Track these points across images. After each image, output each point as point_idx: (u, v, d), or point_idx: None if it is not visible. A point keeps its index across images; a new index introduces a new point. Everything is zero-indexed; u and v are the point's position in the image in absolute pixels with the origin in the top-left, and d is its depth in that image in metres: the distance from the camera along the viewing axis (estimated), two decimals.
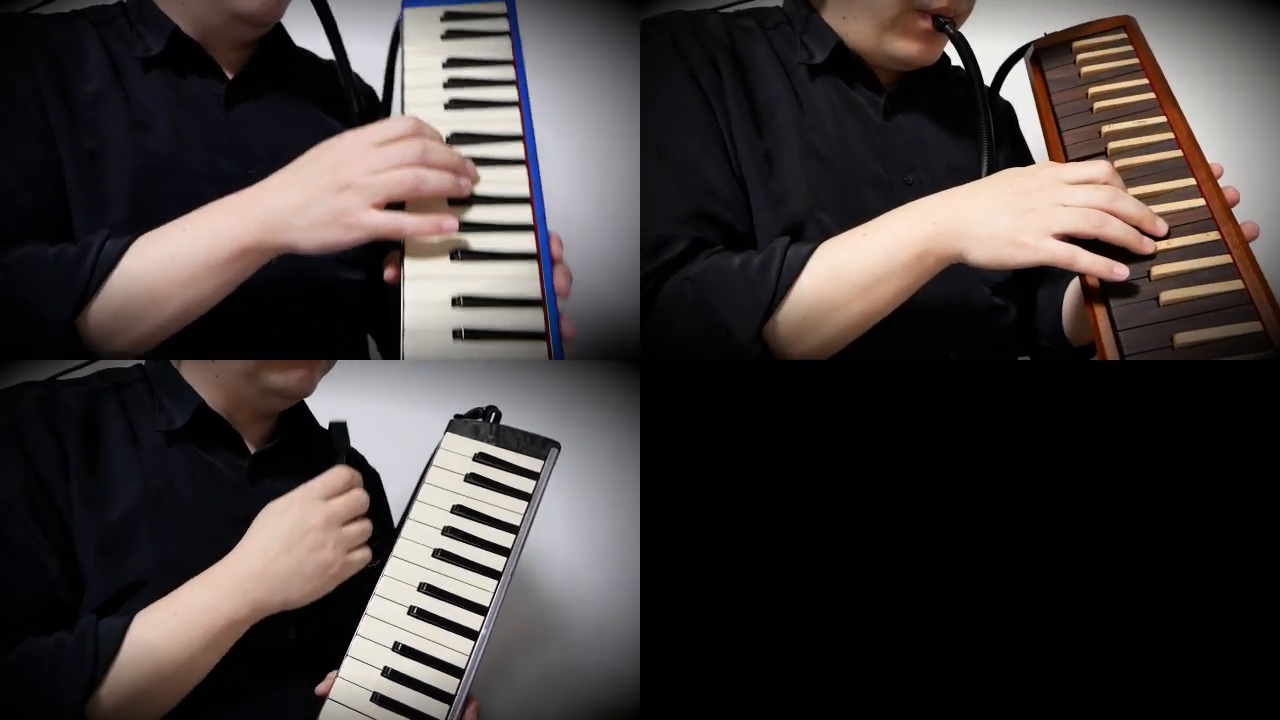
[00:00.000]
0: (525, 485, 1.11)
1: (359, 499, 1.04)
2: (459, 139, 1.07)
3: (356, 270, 1.19)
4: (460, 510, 1.10)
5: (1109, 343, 0.92)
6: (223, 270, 0.98)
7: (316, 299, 1.16)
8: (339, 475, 1.03)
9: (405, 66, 1.13)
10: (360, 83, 1.30)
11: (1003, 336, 1.24)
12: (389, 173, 0.96)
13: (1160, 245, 0.96)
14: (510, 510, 1.09)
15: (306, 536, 0.99)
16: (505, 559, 1.06)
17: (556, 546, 1.54)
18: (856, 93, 1.25)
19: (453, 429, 1.16)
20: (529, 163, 1.06)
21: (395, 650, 1.03)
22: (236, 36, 1.16)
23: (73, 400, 1.06)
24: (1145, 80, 1.13)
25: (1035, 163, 1.34)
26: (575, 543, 1.54)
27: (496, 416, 1.17)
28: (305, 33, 1.20)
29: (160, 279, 0.97)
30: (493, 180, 1.05)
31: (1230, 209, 0.98)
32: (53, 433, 1.02)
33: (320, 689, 1.02)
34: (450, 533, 1.09)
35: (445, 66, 1.12)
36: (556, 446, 1.12)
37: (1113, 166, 0.99)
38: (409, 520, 1.10)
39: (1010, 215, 0.97)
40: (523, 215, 1.04)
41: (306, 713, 1.01)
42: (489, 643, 1.03)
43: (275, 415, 1.16)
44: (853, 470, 1.07)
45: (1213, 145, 1.05)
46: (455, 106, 1.09)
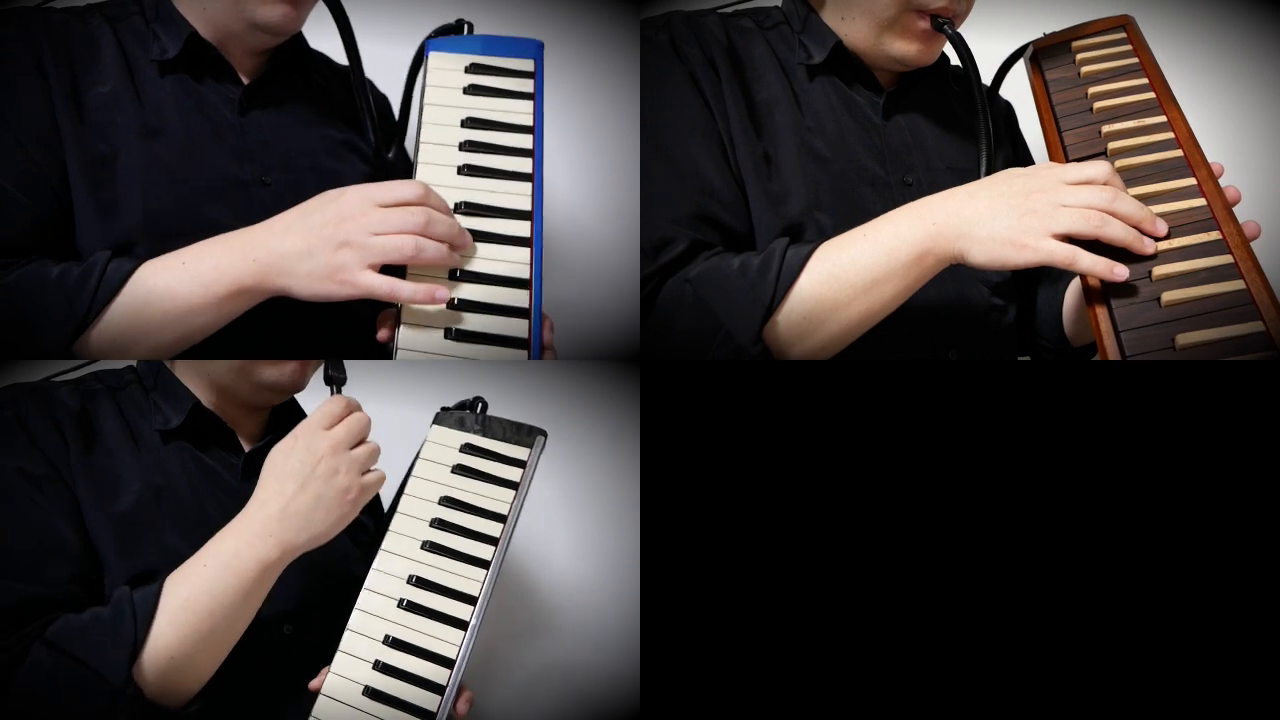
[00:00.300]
0: (513, 474, 1.10)
1: (361, 421, 1.03)
2: (467, 209, 1.07)
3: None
4: (448, 501, 1.09)
5: (1110, 344, 0.92)
6: (218, 307, 1.00)
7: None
8: (336, 402, 1.02)
9: (424, 118, 1.12)
10: (374, 90, 1.30)
11: (1002, 336, 1.24)
12: (390, 237, 0.98)
13: (1161, 245, 0.96)
14: (498, 500, 1.09)
15: (318, 467, 0.98)
16: (494, 549, 1.06)
17: (556, 546, 1.54)
18: (855, 93, 1.25)
19: (439, 421, 1.15)
20: (534, 242, 1.07)
21: (386, 643, 1.02)
22: (255, 44, 1.16)
23: (68, 397, 1.06)
24: (1145, 80, 1.14)
25: (1035, 162, 1.35)
26: (575, 542, 1.54)
27: (483, 407, 1.17)
28: (319, 35, 1.21)
29: (158, 310, 0.99)
30: (495, 257, 1.07)
31: (1231, 208, 0.98)
32: (54, 423, 1.03)
33: (313, 684, 1.01)
34: (438, 524, 1.08)
35: (463, 126, 1.12)
36: (543, 435, 1.11)
37: (1113, 167, 0.99)
38: (397, 513, 1.09)
39: (1010, 216, 0.97)
40: (520, 299, 1.06)
41: (304, 708, 1.00)
42: (481, 635, 1.03)
43: (268, 412, 1.16)
44: (852, 470, 1.07)
45: (1213, 144, 1.06)
46: (467, 173, 1.09)
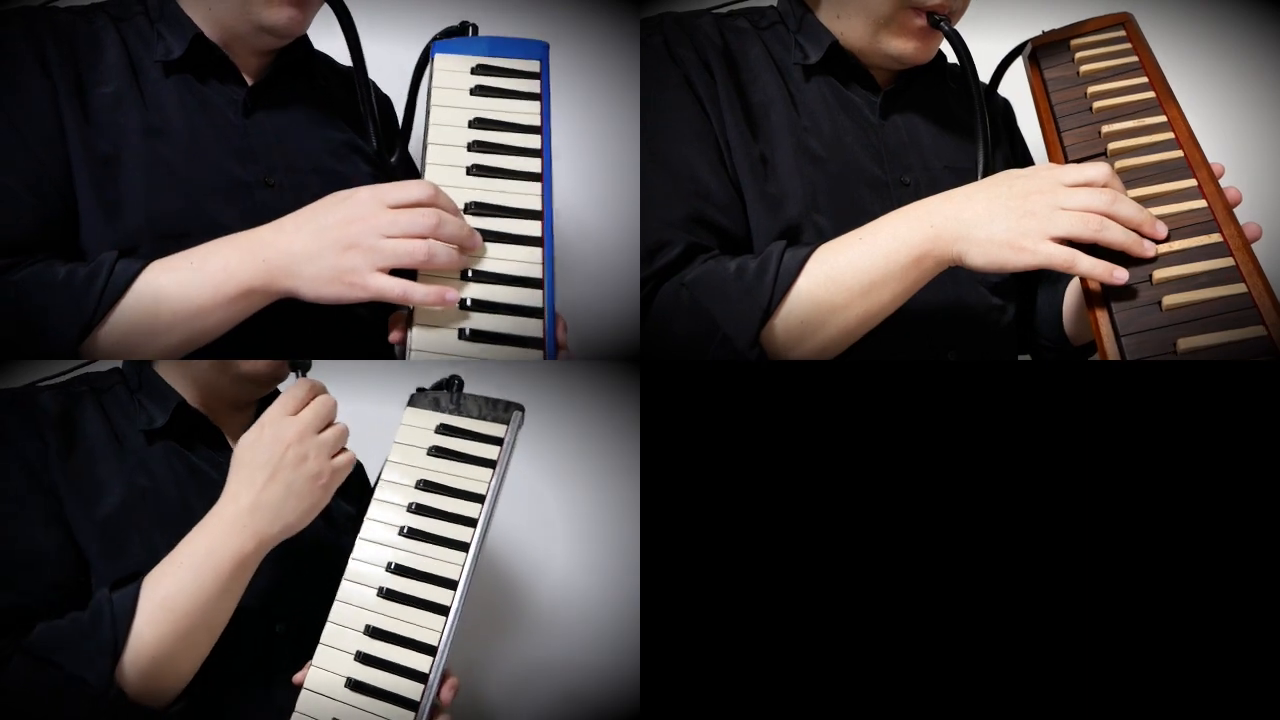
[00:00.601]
0: (490, 452, 1.08)
1: (327, 404, 1.02)
2: (477, 209, 1.06)
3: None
4: (425, 485, 1.07)
5: (1111, 348, 0.92)
6: (227, 307, 0.98)
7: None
8: (300, 386, 1.01)
9: (430, 120, 1.10)
10: (378, 92, 1.30)
11: (1002, 336, 1.24)
12: (401, 241, 0.97)
13: (1162, 248, 0.95)
14: (476, 480, 1.07)
15: (286, 454, 0.97)
16: (473, 530, 1.04)
17: (556, 546, 1.55)
18: (852, 93, 1.24)
19: (413, 403, 1.13)
20: (545, 241, 1.06)
21: (366, 633, 1.01)
22: (260, 45, 1.15)
23: (48, 402, 1.05)
24: (1145, 79, 1.13)
25: (1034, 160, 1.35)
26: (575, 542, 1.55)
27: (459, 386, 1.14)
28: (323, 36, 1.21)
29: (166, 311, 0.97)
30: (506, 257, 1.05)
31: (1232, 210, 0.98)
32: (34, 431, 1.02)
33: (297, 678, 1.00)
34: (416, 509, 1.06)
35: (471, 127, 1.10)
36: (520, 409, 1.09)
37: (1112, 168, 0.99)
38: (374, 501, 1.08)
39: (1009, 218, 0.96)
40: (534, 299, 1.04)
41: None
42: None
43: (253, 407, 1.15)
44: (852, 470, 1.07)
45: (1213, 144, 1.05)
46: (476, 173, 1.08)
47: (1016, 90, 1.29)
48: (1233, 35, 1.61)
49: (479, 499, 1.05)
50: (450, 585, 1.01)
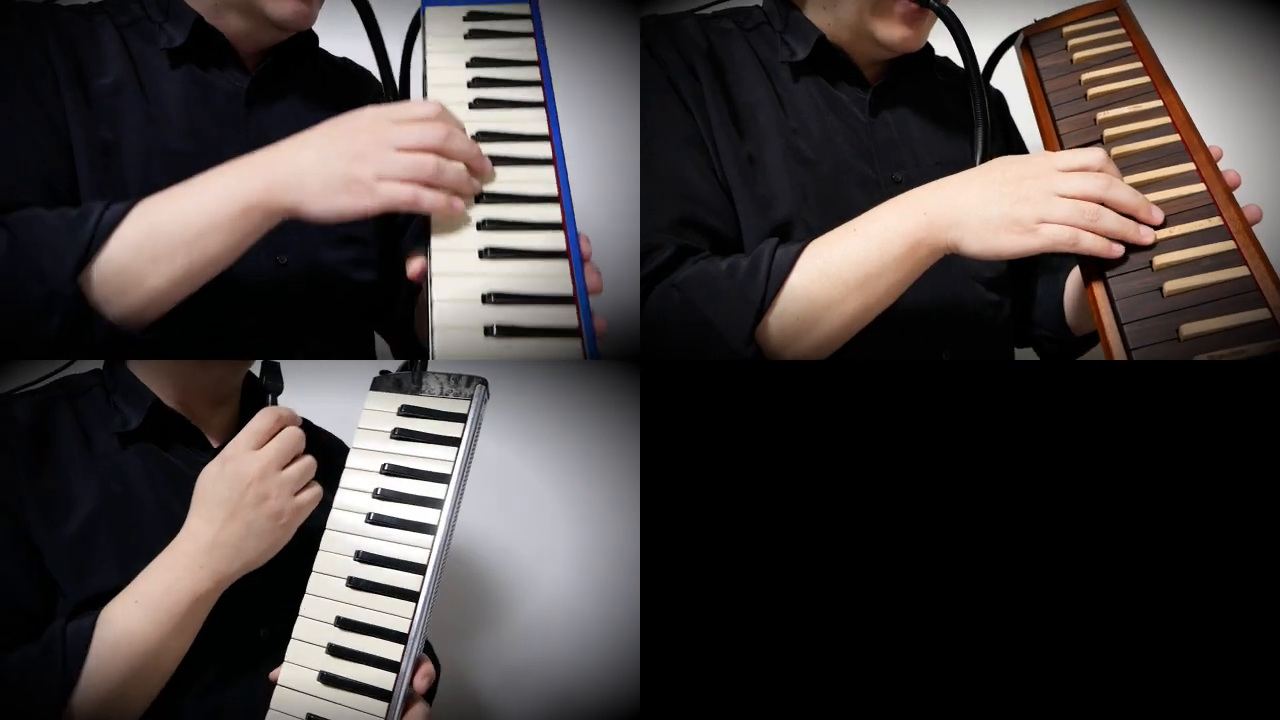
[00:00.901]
0: (453, 430, 1.03)
1: (292, 437, 0.99)
2: (484, 137, 1.04)
3: (368, 271, 1.20)
4: (389, 469, 1.03)
5: (1114, 338, 0.91)
6: (228, 228, 0.94)
7: (327, 299, 1.17)
8: (264, 419, 0.99)
9: (428, 65, 1.09)
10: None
11: (999, 332, 1.24)
12: (409, 155, 0.94)
13: (1162, 234, 0.94)
14: (441, 460, 1.02)
15: (247, 493, 0.95)
16: (439, 512, 1.00)
17: (557, 546, 1.55)
18: (840, 91, 1.23)
19: (376, 386, 1.09)
20: (556, 161, 1.04)
21: (337, 625, 0.98)
22: (265, 39, 1.16)
23: (22, 412, 1.03)
24: (1139, 63, 1.12)
25: (1029, 151, 1.34)
26: (575, 542, 1.55)
27: (421, 365, 1.11)
28: (326, 36, 1.22)
29: (165, 237, 0.94)
30: (520, 179, 1.02)
31: (1231, 192, 0.97)
32: (3, 446, 0.99)
33: (273, 675, 0.98)
34: (382, 495, 1.02)
35: (469, 66, 1.09)
36: (483, 383, 1.05)
37: (1108, 154, 0.98)
38: (340, 489, 1.04)
39: (1003, 204, 0.95)
40: (552, 214, 1.01)
41: None
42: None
43: (235, 405, 1.14)
44: (854, 470, 1.06)
45: (1211, 127, 1.05)
46: (480, 106, 1.06)
47: (1009, 82, 1.28)
48: (1226, 16, 1.64)
49: (444, 479, 1.01)
50: (419, 570, 0.98)
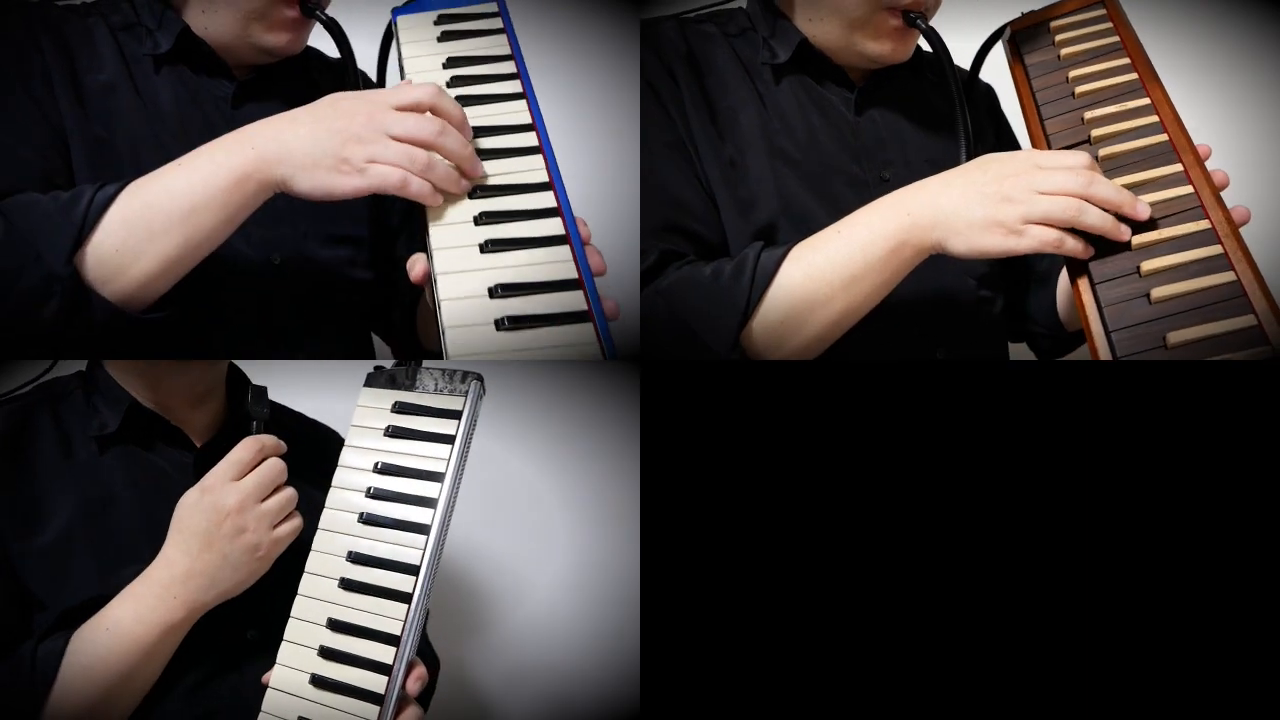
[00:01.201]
0: (448, 427, 1.02)
1: (273, 469, 0.99)
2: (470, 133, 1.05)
3: (363, 270, 1.20)
4: (382, 468, 1.02)
5: (1101, 344, 0.91)
6: (222, 201, 0.95)
7: (322, 299, 1.17)
8: (246, 449, 0.98)
9: (407, 70, 1.10)
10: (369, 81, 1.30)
11: (992, 328, 1.24)
12: (401, 145, 0.94)
13: (1150, 237, 0.94)
14: (435, 458, 1.01)
15: (224, 525, 0.95)
16: (433, 511, 0.99)
17: (557, 546, 1.55)
18: (826, 90, 1.22)
19: (370, 383, 1.08)
20: (543, 149, 1.04)
21: (329, 627, 0.98)
22: (255, 60, 1.17)
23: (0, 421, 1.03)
24: (1127, 59, 1.10)
25: (1021, 145, 1.33)
26: (576, 542, 1.55)
27: (416, 363, 1.10)
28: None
29: (159, 213, 0.94)
30: (511, 170, 1.03)
31: (1219, 194, 0.96)
32: None
33: (265, 677, 0.98)
34: (375, 494, 1.02)
35: (446, 66, 1.10)
36: (478, 379, 1.04)
37: (1095, 157, 0.98)
38: (333, 489, 1.04)
39: (986, 204, 0.95)
40: (546, 200, 1.01)
41: None
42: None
43: (220, 404, 1.13)
44: (853, 470, 1.06)
45: (1198, 123, 1.03)
46: (462, 103, 1.05)
47: (1000, 75, 1.26)
48: (1213, 8, 1.61)
49: (439, 478, 1.00)
50: (412, 571, 0.97)
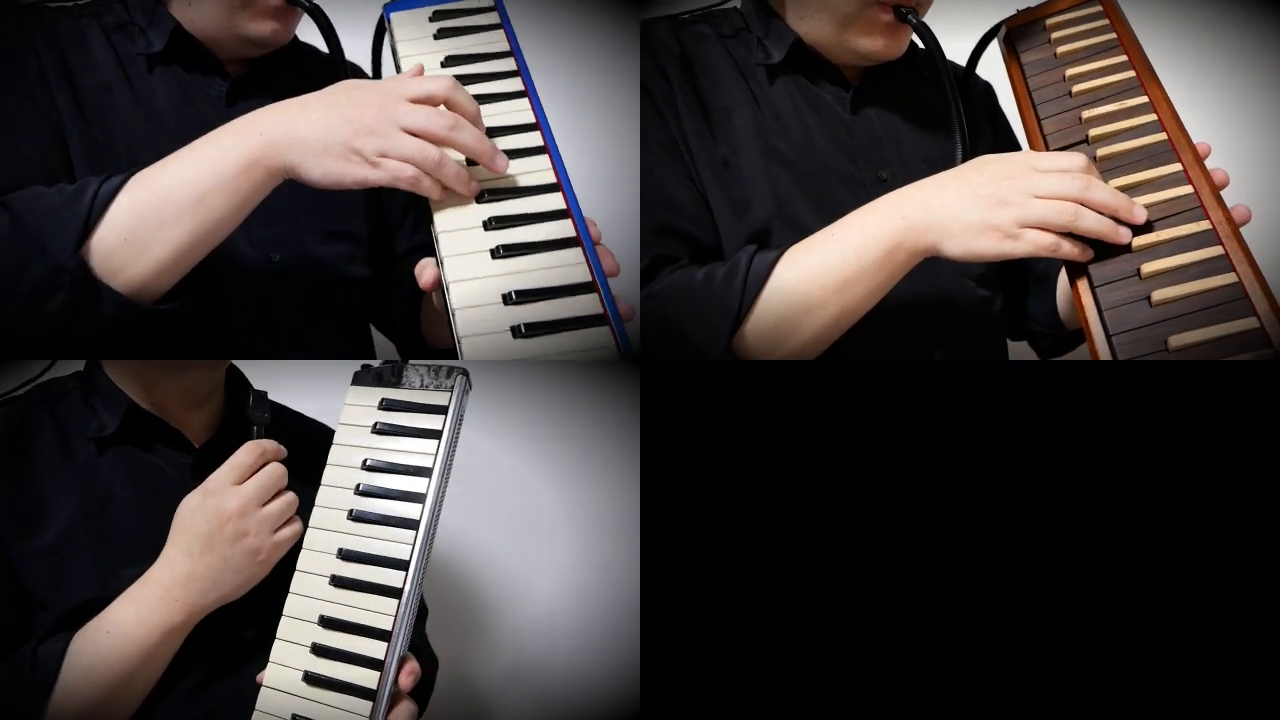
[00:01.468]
0: (434, 423, 1.02)
1: (274, 474, 0.99)
2: None
3: (362, 267, 1.21)
4: (370, 465, 1.02)
5: (1102, 348, 0.90)
6: (231, 187, 0.94)
7: (322, 296, 1.17)
8: (248, 453, 0.99)
9: (401, 69, 1.09)
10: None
11: (991, 327, 1.23)
12: (414, 140, 0.93)
13: (1150, 239, 0.93)
14: (422, 453, 1.01)
15: (225, 529, 0.95)
16: (422, 506, 0.99)
17: (557, 546, 1.55)
18: (821, 89, 1.21)
19: (357, 381, 1.08)
20: (549, 149, 1.03)
21: (320, 624, 0.97)
22: (243, 53, 1.16)
23: None
24: (1124, 57, 1.09)
25: (1019, 142, 1.32)
26: (575, 541, 1.55)
27: (402, 360, 1.12)
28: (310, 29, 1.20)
29: (168, 202, 0.93)
30: (517, 172, 1.01)
31: (1219, 193, 0.95)
32: None
33: (259, 677, 0.98)
34: (364, 491, 1.02)
35: (445, 65, 1.09)
36: (464, 374, 1.04)
37: (1093, 159, 0.97)
38: (322, 486, 1.04)
39: (982, 207, 0.95)
40: (555, 202, 1.00)
41: None
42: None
43: (218, 404, 1.13)
44: (853, 470, 1.05)
45: (1197, 121, 1.03)
46: None
47: (999, 72, 1.25)
48: (1212, 8, 1.62)
49: (426, 473, 1.00)
50: (402, 566, 0.97)
